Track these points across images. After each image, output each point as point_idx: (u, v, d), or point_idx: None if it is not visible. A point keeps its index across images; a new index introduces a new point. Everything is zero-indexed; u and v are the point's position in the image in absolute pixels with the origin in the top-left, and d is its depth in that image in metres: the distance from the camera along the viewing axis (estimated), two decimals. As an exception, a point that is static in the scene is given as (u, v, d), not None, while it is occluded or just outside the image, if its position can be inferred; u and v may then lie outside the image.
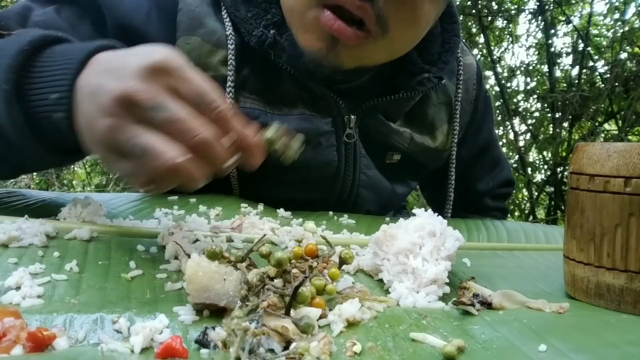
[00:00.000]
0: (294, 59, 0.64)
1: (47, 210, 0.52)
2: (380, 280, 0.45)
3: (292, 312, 0.34)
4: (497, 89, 2.77)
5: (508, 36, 2.99)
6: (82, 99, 0.42)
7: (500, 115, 2.76)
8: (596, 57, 2.76)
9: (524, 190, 2.94)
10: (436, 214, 0.47)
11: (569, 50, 2.78)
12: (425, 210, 0.48)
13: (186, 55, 0.62)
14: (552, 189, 2.83)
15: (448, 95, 0.79)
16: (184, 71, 0.40)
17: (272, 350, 0.31)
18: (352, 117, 0.70)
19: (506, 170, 0.97)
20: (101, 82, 0.40)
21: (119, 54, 0.43)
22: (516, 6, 2.88)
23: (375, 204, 0.78)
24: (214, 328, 0.32)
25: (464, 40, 0.86)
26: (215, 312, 0.35)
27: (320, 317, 0.35)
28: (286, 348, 0.31)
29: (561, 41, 2.91)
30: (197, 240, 0.48)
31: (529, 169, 2.88)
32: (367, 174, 0.75)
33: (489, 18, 2.83)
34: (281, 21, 0.64)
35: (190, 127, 0.38)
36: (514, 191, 2.93)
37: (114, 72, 0.40)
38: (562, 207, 2.67)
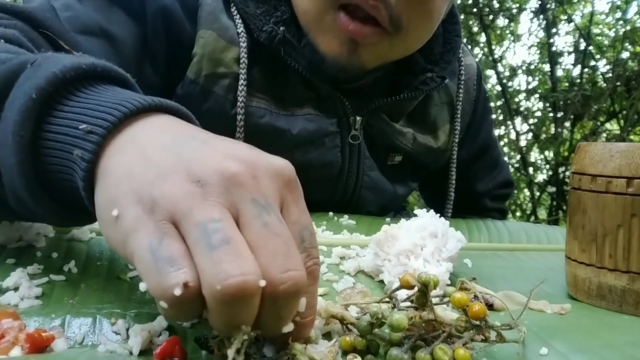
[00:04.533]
0: (314, 66, 0.64)
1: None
2: (381, 281, 0.45)
3: None
4: (498, 88, 2.77)
5: (509, 35, 2.99)
6: (139, 145, 0.30)
7: (501, 115, 2.76)
8: (598, 56, 2.76)
9: (526, 190, 2.94)
10: (438, 214, 0.47)
11: (571, 49, 2.78)
12: (427, 211, 0.47)
13: (202, 48, 0.63)
14: (553, 189, 2.83)
15: (450, 95, 0.80)
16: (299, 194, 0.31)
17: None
18: (358, 118, 0.71)
19: (505, 171, 0.97)
20: (194, 140, 0.30)
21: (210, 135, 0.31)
22: (518, 5, 2.87)
23: (377, 205, 0.78)
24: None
25: (464, 41, 0.87)
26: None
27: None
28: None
29: (563, 40, 2.92)
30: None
31: (531, 169, 2.88)
32: (370, 176, 0.75)
33: (491, 17, 2.82)
34: (290, 19, 0.65)
35: (289, 253, 0.27)
36: (515, 191, 2.94)
37: (221, 140, 0.30)
38: (564, 208, 2.67)
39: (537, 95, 2.93)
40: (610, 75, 2.58)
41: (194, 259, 0.25)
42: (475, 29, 2.87)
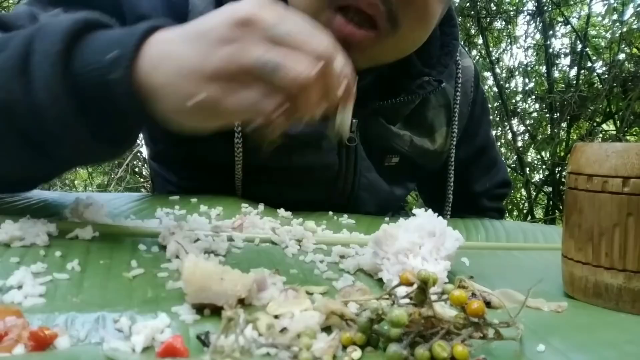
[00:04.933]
0: None
1: (49, 210, 0.53)
2: (380, 280, 0.45)
3: None
4: (495, 89, 2.78)
5: (507, 37, 3.00)
6: (165, 56, 0.39)
7: (498, 116, 2.77)
8: (594, 57, 2.77)
9: (523, 190, 2.94)
10: (436, 214, 0.47)
11: (567, 51, 2.79)
12: (425, 210, 0.48)
13: None
14: (550, 189, 2.83)
15: (447, 98, 0.80)
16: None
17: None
18: (354, 120, 0.70)
19: (502, 171, 0.98)
20: (206, 24, 0.39)
21: (195, 22, 0.41)
22: (515, 7, 2.88)
23: (374, 206, 0.79)
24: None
25: (462, 43, 0.87)
26: (215, 311, 0.35)
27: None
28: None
29: (559, 42, 2.92)
30: (198, 239, 0.48)
31: (527, 169, 2.89)
32: (367, 177, 0.75)
33: (488, 19, 2.83)
34: None
35: (314, 37, 0.38)
36: (512, 191, 2.95)
37: (212, 19, 0.39)
38: (561, 207, 2.68)
39: (533, 97, 2.94)
40: (606, 76, 2.59)
41: (267, 81, 0.37)
42: (473, 31, 2.87)
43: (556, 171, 2.74)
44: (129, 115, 0.42)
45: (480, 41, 2.85)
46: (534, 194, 2.92)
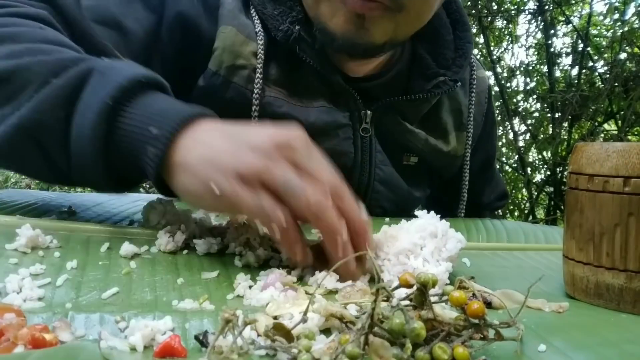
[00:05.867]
0: (326, 47, 0.68)
1: (47, 210, 0.52)
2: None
3: None
4: (496, 89, 2.77)
5: (508, 36, 3.00)
6: (204, 142, 0.43)
7: (499, 116, 2.76)
8: (596, 57, 2.77)
9: (524, 190, 2.94)
10: (439, 216, 0.47)
11: (569, 50, 2.79)
12: (427, 212, 0.48)
13: (222, 42, 0.68)
14: (551, 188, 2.83)
15: (458, 102, 0.83)
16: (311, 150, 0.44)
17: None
18: (369, 112, 0.74)
19: (501, 182, 1.02)
20: (250, 132, 0.43)
21: (238, 126, 0.45)
22: (516, 6, 2.88)
23: (391, 202, 0.81)
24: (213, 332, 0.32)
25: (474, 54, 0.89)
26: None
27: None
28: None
29: (561, 41, 2.91)
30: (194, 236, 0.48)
31: (529, 169, 2.89)
32: (382, 169, 0.78)
33: (489, 18, 2.83)
34: (305, 18, 0.69)
35: (329, 172, 0.43)
36: (513, 191, 2.94)
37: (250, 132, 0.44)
38: (562, 207, 2.67)
39: (535, 96, 2.93)
40: (608, 76, 2.58)
41: (285, 199, 0.41)
42: (474, 30, 2.87)
43: (557, 171, 2.74)
44: (149, 179, 0.45)
45: (481, 40, 2.85)
46: (535, 194, 2.91)
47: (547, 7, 2.68)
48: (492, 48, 2.90)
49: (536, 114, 2.94)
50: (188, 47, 0.68)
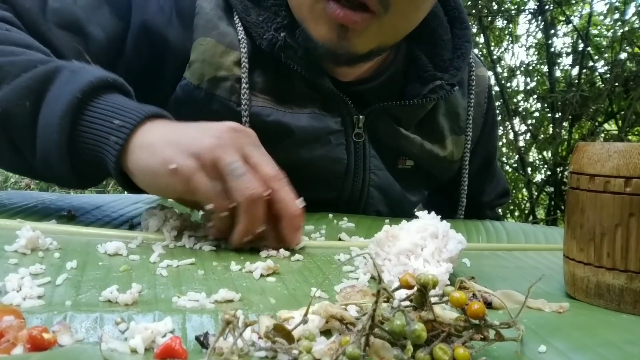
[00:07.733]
0: (309, 52, 0.66)
1: (47, 211, 0.52)
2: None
3: None
4: (497, 89, 2.77)
5: (508, 36, 2.99)
6: (162, 130, 0.48)
7: (500, 116, 2.76)
8: (596, 57, 2.76)
9: (524, 190, 2.94)
10: (439, 216, 0.47)
11: (569, 50, 2.78)
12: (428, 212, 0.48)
13: (201, 54, 0.66)
14: (552, 189, 2.83)
15: (456, 105, 0.80)
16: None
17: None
18: (361, 117, 0.72)
19: (503, 180, 0.99)
20: (204, 124, 0.49)
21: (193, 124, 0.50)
22: (516, 6, 2.88)
23: (386, 206, 0.79)
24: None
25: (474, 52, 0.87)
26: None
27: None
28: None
29: (561, 41, 2.91)
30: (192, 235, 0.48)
31: (529, 169, 2.89)
32: (377, 174, 0.76)
33: (489, 18, 2.83)
34: (291, 23, 0.66)
35: (272, 166, 0.48)
36: (513, 191, 2.94)
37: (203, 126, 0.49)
38: (562, 207, 2.67)
39: (535, 96, 2.93)
40: (608, 75, 2.58)
41: (228, 184, 0.45)
42: (474, 30, 2.87)
43: (558, 171, 2.73)
44: (110, 167, 0.48)
45: (481, 40, 2.84)
46: (536, 194, 2.91)
47: (547, 6, 2.68)
48: (492, 48, 2.89)
49: (536, 114, 2.94)
50: (155, 57, 0.67)
